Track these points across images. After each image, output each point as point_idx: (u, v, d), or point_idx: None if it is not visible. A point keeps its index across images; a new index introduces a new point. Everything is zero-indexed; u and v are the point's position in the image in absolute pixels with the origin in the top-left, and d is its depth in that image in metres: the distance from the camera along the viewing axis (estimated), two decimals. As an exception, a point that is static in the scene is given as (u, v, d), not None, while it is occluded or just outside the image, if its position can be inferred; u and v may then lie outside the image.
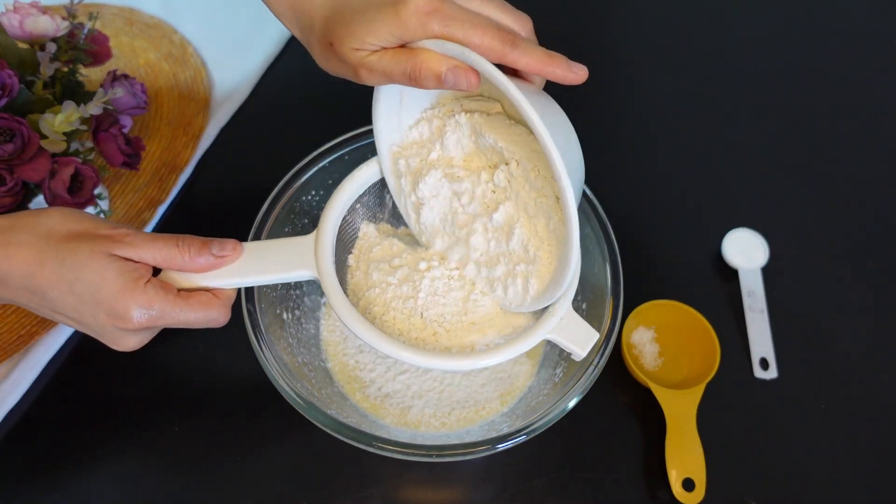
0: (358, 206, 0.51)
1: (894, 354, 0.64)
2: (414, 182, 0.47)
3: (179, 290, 0.41)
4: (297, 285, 0.59)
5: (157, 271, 0.42)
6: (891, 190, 0.75)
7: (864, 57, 0.88)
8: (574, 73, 0.38)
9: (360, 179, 0.49)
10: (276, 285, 0.54)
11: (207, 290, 0.43)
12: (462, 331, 0.46)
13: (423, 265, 0.47)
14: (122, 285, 0.38)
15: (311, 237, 0.46)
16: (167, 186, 0.71)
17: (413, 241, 0.51)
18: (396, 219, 0.55)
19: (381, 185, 0.51)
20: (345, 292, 0.46)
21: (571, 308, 0.45)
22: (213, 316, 0.42)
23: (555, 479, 0.57)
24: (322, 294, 0.61)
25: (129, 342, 0.41)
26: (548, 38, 0.93)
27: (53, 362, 0.61)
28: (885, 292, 0.68)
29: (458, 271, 0.48)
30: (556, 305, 0.44)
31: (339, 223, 0.47)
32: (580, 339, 0.44)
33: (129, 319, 0.39)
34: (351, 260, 0.51)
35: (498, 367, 0.53)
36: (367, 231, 0.52)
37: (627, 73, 0.83)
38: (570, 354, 0.54)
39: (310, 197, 0.56)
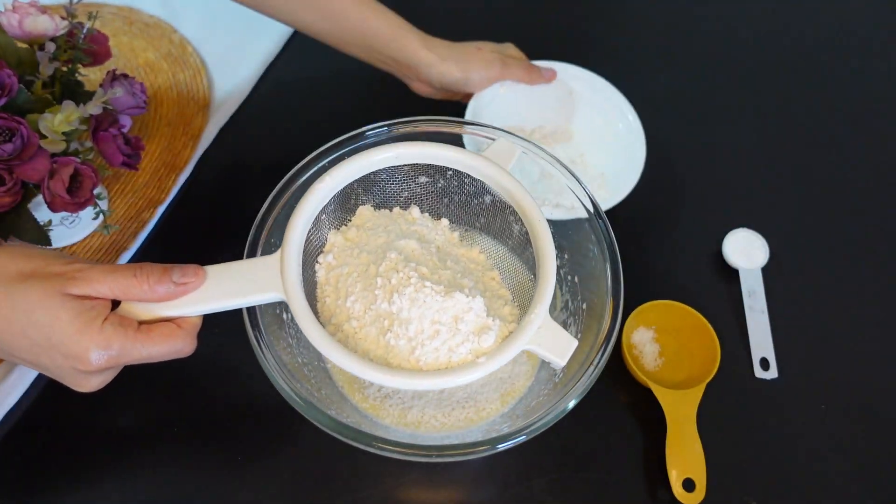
0: (323, 216, 0.50)
1: (894, 354, 0.64)
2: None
3: (140, 322, 0.40)
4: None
5: (116, 303, 0.40)
6: (891, 190, 0.75)
7: (865, 57, 0.88)
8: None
9: (322, 192, 0.47)
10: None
11: (170, 320, 0.41)
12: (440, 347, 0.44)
13: (395, 278, 0.45)
14: (78, 327, 0.37)
15: (275, 257, 0.44)
16: (166, 186, 0.71)
17: (382, 250, 0.48)
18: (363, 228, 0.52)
19: (344, 192, 0.50)
20: (316, 310, 0.45)
21: (549, 316, 0.43)
22: (178, 347, 0.40)
23: (555, 479, 0.57)
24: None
25: (90, 383, 0.40)
26: (548, 36, 0.93)
27: (53, 362, 0.60)
28: (886, 292, 0.68)
29: (434, 284, 0.46)
30: (531, 315, 0.43)
31: (304, 240, 0.45)
32: (559, 348, 0.43)
33: (87, 362, 0.37)
34: (320, 274, 0.49)
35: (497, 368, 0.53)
36: (335, 241, 0.50)
37: (627, 73, 0.83)
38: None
39: (309, 197, 0.56)
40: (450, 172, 0.55)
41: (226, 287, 0.42)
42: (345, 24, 0.65)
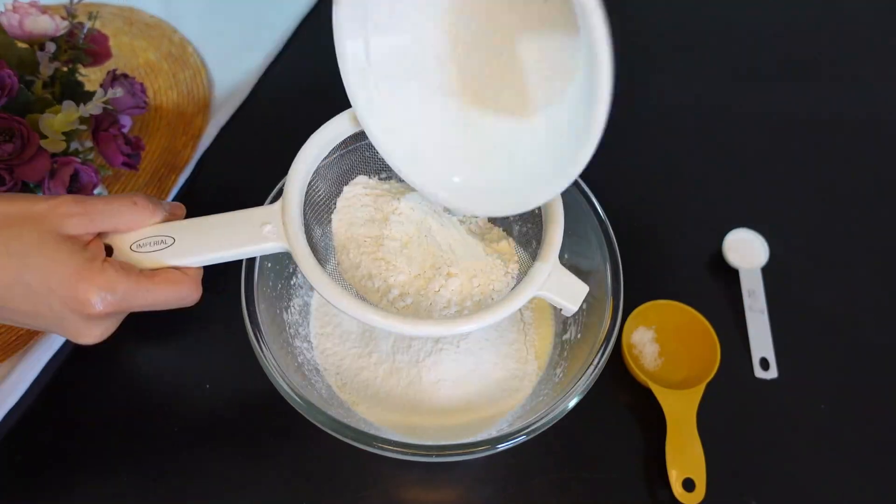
0: (321, 169, 0.48)
1: (894, 354, 0.64)
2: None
3: (141, 270, 0.38)
4: (297, 283, 0.58)
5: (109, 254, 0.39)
6: (891, 190, 0.75)
7: (865, 57, 0.88)
8: None
9: (328, 136, 0.46)
10: (275, 284, 0.54)
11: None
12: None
13: (426, 228, 0.45)
14: (77, 267, 0.34)
15: (277, 205, 0.43)
16: (167, 186, 0.71)
17: (408, 193, 0.47)
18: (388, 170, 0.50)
19: (343, 168, 0.48)
20: (331, 272, 0.44)
21: (559, 262, 0.43)
22: (184, 293, 0.39)
23: (555, 479, 0.57)
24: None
25: (92, 332, 0.37)
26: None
27: (53, 361, 0.60)
28: (886, 292, 0.68)
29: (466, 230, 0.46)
30: (541, 262, 0.43)
31: (306, 182, 0.44)
32: (570, 293, 0.43)
33: (89, 305, 0.35)
34: (336, 225, 0.47)
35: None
36: (354, 191, 0.48)
37: (627, 73, 0.83)
38: (570, 354, 0.54)
39: (310, 197, 0.56)
40: None
41: (224, 236, 0.42)
42: None
